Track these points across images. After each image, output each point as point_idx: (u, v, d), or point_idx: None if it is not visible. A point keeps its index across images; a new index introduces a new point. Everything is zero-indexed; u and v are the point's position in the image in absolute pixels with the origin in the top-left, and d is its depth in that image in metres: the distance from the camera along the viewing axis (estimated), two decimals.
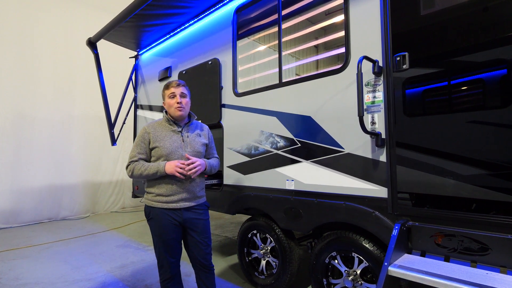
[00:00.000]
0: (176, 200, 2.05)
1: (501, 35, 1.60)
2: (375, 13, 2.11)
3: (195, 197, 2.13)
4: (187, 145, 2.12)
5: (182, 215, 2.07)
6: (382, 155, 2.02)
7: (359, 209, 2.11)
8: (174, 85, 2.13)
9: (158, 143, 2.06)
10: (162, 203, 2.04)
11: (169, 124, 2.15)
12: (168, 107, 2.14)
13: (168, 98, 2.13)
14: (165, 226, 2.03)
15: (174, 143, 2.09)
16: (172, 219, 2.04)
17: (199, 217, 2.14)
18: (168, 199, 2.04)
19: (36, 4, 6.27)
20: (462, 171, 1.70)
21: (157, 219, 2.04)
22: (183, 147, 2.10)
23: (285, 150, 2.63)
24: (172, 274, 2.09)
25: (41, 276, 3.37)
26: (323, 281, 2.35)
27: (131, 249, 4.34)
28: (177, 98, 2.10)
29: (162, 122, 2.17)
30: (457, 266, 1.64)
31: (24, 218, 5.97)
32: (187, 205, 2.09)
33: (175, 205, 2.05)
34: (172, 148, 2.06)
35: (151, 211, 2.07)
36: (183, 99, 2.12)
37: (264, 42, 4.39)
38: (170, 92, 2.12)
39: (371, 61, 2.04)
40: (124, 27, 3.95)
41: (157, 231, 2.04)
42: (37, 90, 6.25)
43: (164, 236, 2.03)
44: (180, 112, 2.11)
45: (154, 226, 2.06)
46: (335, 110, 2.30)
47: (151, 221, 2.08)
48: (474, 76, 1.69)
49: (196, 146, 2.16)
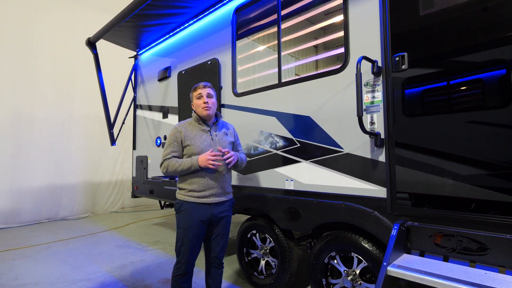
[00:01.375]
0: (208, 195, 2.15)
1: (500, 35, 1.61)
2: (374, 13, 2.12)
3: (224, 193, 2.24)
4: (216, 143, 2.24)
5: (212, 210, 2.17)
6: (381, 155, 2.02)
7: (358, 209, 2.12)
8: (201, 86, 2.24)
9: (190, 141, 2.17)
10: (194, 197, 2.14)
11: (198, 123, 2.26)
12: (196, 107, 2.24)
13: (196, 99, 2.24)
14: (193, 220, 2.11)
15: (204, 141, 2.20)
16: (202, 215, 2.13)
17: (226, 213, 2.24)
18: (200, 194, 2.14)
19: (36, 4, 6.26)
20: (461, 171, 1.70)
21: (187, 212, 2.12)
22: (212, 145, 2.21)
23: (285, 150, 2.63)
24: (187, 271, 2.15)
25: (40, 276, 3.37)
26: (323, 281, 2.35)
27: (131, 249, 4.34)
28: (204, 99, 2.20)
29: (192, 122, 2.28)
30: (456, 266, 1.64)
31: (23, 218, 5.97)
32: (217, 200, 2.19)
33: (207, 200, 2.15)
34: (203, 147, 2.17)
35: (183, 204, 2.16)
36: (209, 99, 2.22)
37: (264, 42, 4.39)
38: (197, 93, 2.23)
39: (370, 61, 2.04)
40: (123, 27, 3.95)
41: (185, 224, 2.12)
42: (37, 90, 6.24)
43: (189, 230, 2.11)
44: (207, 112, 2.20)
45: (182, 218, 2.14)
46: (334, 110, 2.31)
47: (180, 214, 2.16)
48: (473, 76, 1.69)
49: (224, 144, 2.26)
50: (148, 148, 4.58)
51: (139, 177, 4.67)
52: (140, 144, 4.85)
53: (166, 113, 4.21)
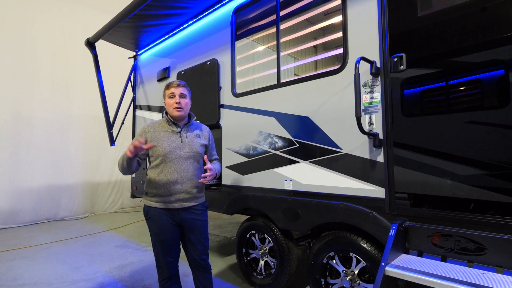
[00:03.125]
0: (174, 201, 2.06)
1: (498, 35, 1.61)
2: (373, 14, 2.12)
3: (193, 198, 2.13)
4: (186, 145, 2.12)
5: (180, 215, 2.08)
6: (380, 156, 2.03)
7: (357, 209, 2.12)
8: (174, 85, 2.14)
9: (156, 142, 2.07)
10: (160, 203, 2.05)
11: (168, 124, 2.16)
12: (168, 107, 2.16)
13: (168, 98, 2.14)
14: (162, 225, 2.04)
15: (172, 143, 2.09)
16: (170, 219, 2.06)
17: (197, 218, 2.14)
18: (165, 199, 2.05)
19: (35, 4, 6.26)
20: (459, 171, 1.71)
21: (155, 219, 2.05)
22: (181, 147, 2.11)
23: (283, 150, 2.63)
24: (170, 274, 2.10)
25: (39, 276, 3.37)
26: (321, 281, 2.36)
27: (130, 249, 4.34)
28: (176, 98, 2.11)
29: (162, 123, 2.18)
30: (453, 266, 1.64)
31: (22, 219, 5.96)
32: (185, 205, 2.09)
33: (173, 205, 2.06)
34: (170, 148, 2.07)
35: (149, 210, 2.08)
36: (182, 100, 2.12)
37: (263, 42, 4.39)
38: (170, 92, 2.13)
39: (369, 62, 2.05)
40: (122, 27, 3.95)
41: (155, 230, 2.06)
42: (36, 90, 6.24)
43: (162, 236, 2.04)
44: (178, 113, 2.11)
45: (152, 225, 2.08)
46: (333, 110, 2.31)
47: (149, 221, 2.09)
48: (471, 77, 1.69)
49: (195, 147, 2.15)
50: None
51: (139, 177, 4.67)
52: None
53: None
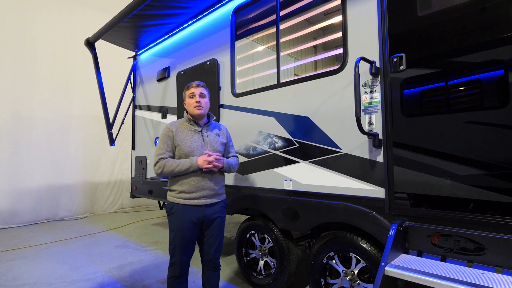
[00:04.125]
0: (198, 197, 2.13)
1: (498, 36, 1.61)
2: (373, 14, 2.12)
3: (216, 194, 2.21)
4: (207, 144, 2.22)
5: (203, 212, 2.15)
6: (380, 156, 2.03)
7: (357, 209, 2.12)
8: (194, 85, 2.24)
9: (180, 141, 2.17)
10: (184, 199, 2.12)
11: (189, 123, 2.25)
12: (188, 106, 2.24)
13: (188, 98, 2.24)
14: (184, 222, 2.10)
15: (195, 142, 2.19)
16: (193, 217, 2.12)
17: (218, 214, 2.22)
18: (190, 195, 2.12)
19: (35, 4, 6.25)
20: (459, 171, 1.71)
21: (178, 215, 2.12)
22: (203, 146, 2.20)
23: (283, 150, 2.64)
24: (182, 272, 2.15)
25: (39, 276, 3.37)
26: (321, 281, 2.36)
27: (130, 249, 4.34)
28: (196, 98, 2.20)
29: (183, 122, 2.27)
30: (453, 266, 1.65)
31: (22, 219, 5.95)
32: (208, 202, 2.17)
33: (197, 202, 2.13)
34: (193, 147, 2.17)
35: (173, 206, 2.15)
36: (202, 99, 2.21)
37: (263, 42, 4.39)
38: (190, 92, 2.23)
39: (369, 62, 2.05)
40: (122, 27, 3.95)
41: (176, 226, 2.12)
42: (36, 90, 6.23)
43: (182, 232, 2.10)
44: (199, 111, 2.19)
45: (174, 221, 2.13)
46: (333, 110, 2.31)
47: (171, 216, 2.15)
48: (471, 77, 1.69)
49: (216, 145, 2.25)
50: (147, 149, 4.58)
51: (138, 177, 4.67)
52: (139, 145, 4.85)
53: (165, 113, 4.21)
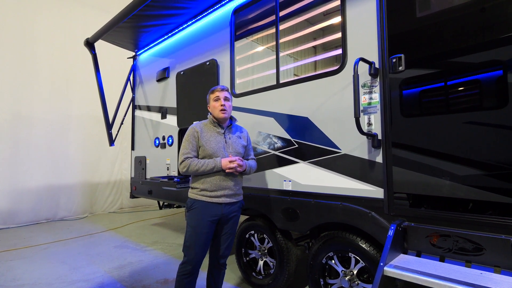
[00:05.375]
0: (219, 196, 2.20)
1: (497, 36, 1.62)
2: (372, 15, 2.13)
3: (235, 194, 2.28)
4: (229, 146, 2.29)
5: (222, 210, 2.22)
6: (379, 156, 2.04)
7: (356, 210, 2.13)
8: (219, 90, 2.31)
9: (204, 142, 2.23)
10: (206, 197, 2.19)
11: (213, 125, 2.31)
12: (213, 109, 2.30)
13: (213, 101, 2.29)
14: (203, 218, 2.16)
15: (218, 143, 2.25)
16: (213, 214, 2.18)
17: (235, 213, 2.30)
18: (212, 193, 2.19)
19: (35, 4, 6.25)
20: (458, 171, 1.72)
21: (198, 210, 2.18)
22: (226, 147, 2.27)
23: (283, 151, 2.64)
24: (193, 271, 2.18)
25: (38, 276, 3.37)
26: (320, 281, 2.36)
27: (129, 249, 4.34)
28: (221, 101, 2.26)
29: (207, 124, 2.33)
30: (452, 266, 1.65)
31: (22, 219, 5.95)
32: (228, 201, 2.24)
33: (218, 200, 2.20)
34: (216, 148, 2.23)
35: (194, 202, 2.21)
36: (226, 102, 2.28)
37: (262, 42, 4.39)
38: (215, 96, 2.29)
39: (368, 62, 2.06)
40: (122, 27, 3.95)
41: (195, 222, 2.16)
42: (35, 90, 6.23)
43: (199, 228, 2.15)
44: (223, 115, 2.26)
45: (193, 216, 2.18)
46: (332, 111, 2.32)
47: (191, 212, 2.20)
48: (470, 77, 1.70)
49: (237, 147, 2.32)
50: (147, 149, 4.58)
51: (138, 177, 4.67)
52: (138, 145, 4.85)
53: (164, 113, 4.21)
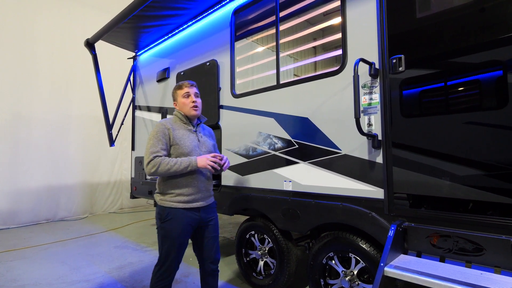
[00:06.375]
0: (197, 199, 2.06)
1: (497, 36, 1.62)
2: (372, 15, 2.13)
3: (209, 196, 2.18)
4: (202, 145, 2.16)
5: (200, 214, 2.08)
6: (379, 157, 2.04)
7: (356, 210, 2.13)
8: (188, 85, 2.16)
9: (179, 141, 2.04)
10: (183, 203, 2.01)
11: (183, 123, 2.15)
12: (182, 106, 2.14)
13: (182, 98, 2.14)
14: (184, 227, 1.99)
15: (193, 142, 2.10)
16: (192, 220, 2.03)
17: (213, 216, 2.19)
18: (189, 198, 2.02)
19: (35, 4, 6.25)
20: (458, 172, 1.72)
21: (178, 220, 1.97)
22: (199, 146, 2.13)
23: (283, 151, 2.64)
24: (172, 278, 2.05)
25: (39, 277, 3.37)
26: (321, 281, 2.36)
27: (129, 250, 4.34)
28: (192, 97, 2.13)
29: (177, 121, 2.15)
30: (452, 266, 1.65)
31: (21, 219, 5.95)
32: (204, 204, 2.10)
33: (195, 204, 2.05)
34: (192, 147, 2.07)
35: (170, 212, 1.98)
36: (197, 99, 2.16)
37: (262, 43, 4.40)
38: (184, 92, 2.14)
39: (368, 63, 2.06)
40: (122, 28, 3.95)
41: (176, 233, 1.97)
42: (35, 90, 6.23)
43: (182, 237, 1.99)
44: (196, 112, 2.13)
45: (172, 227, 1.97)
46: (332, 111, 2.32)
47: (169, 222, 1.97)
48: (470, 78, 1.70)
49: (209, 146, 2.21)
50: None
51: (138, 177, 4.67)
52: (138, 145, 4.85)
53: (164, 114, 4.21)
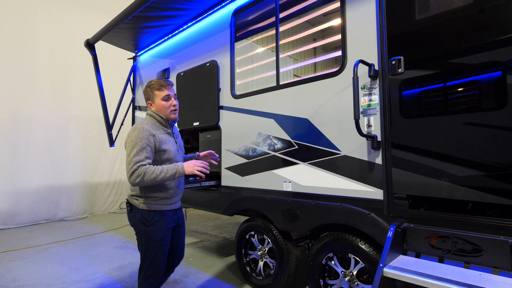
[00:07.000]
0: (176, 201, 2.12)
1: (496, 37, 1.63)
2: (371, 17, 2.14)
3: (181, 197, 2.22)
4: (179, 147, 2.14)
5: (178, 214, 2.15)
6: (378, 158, 2.05)
7: (355, 211, 2.14)
8: (168, 85, 2.02)
9: (165, 146, 1.96)
10: (168, 205, 2.02)
11: (162, 125, 2.04)
12: (161, 109, 2.01)
13: (162, 100, 2.00)
14: (166, 230, 2.00)
15: (174, 146, 2.06)
16: (172, 221, 2.07)
17: (183, 215, 2.26)
18: (171, 200, 2.06)
19: (34, 5, 6.25)
20: (457, 173, 1.73)
21: (161, 222, 1.96)
22: (178, 150, 2.11)
23: (283, 152, 2.65)
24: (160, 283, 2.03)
25: (39, 277, 3.37)
26: (320, 281, 2.37)
27: (129, 250, 4.34)
28: (172, 101, 2.03)
29: (156, 124, 2.02)
30: (451, 267, 1.66)
31: (21, 219, 5.95)
32: (179, 205, 2.18)
33: (175, 206, 2.11)
34: (174, 151, 2.04)
35: (153, 215, 1.94)
36: (176, 101, 2.07)
37: (262, 44, 4.41)
38: (164, 94, 2.00)
39: (367, 64, 2.07)
40: (122, 28, 3.95)
41: (160, 235, 1.95)
42: (35, 91, 6.23)
43: (167, 239, 2.01)
44: (175, 115, 2.06)
45: (156, 230, 1.94)
46: (332, 112, 2.33)
47: (154, 226, 1.94)
48: (469, 79, 1.71)
49: (183, 148, 2.23)
50: None
51: None
52: None
53: None
